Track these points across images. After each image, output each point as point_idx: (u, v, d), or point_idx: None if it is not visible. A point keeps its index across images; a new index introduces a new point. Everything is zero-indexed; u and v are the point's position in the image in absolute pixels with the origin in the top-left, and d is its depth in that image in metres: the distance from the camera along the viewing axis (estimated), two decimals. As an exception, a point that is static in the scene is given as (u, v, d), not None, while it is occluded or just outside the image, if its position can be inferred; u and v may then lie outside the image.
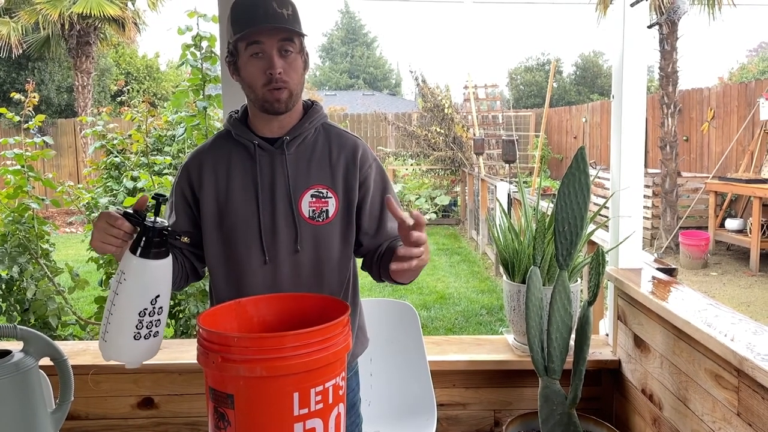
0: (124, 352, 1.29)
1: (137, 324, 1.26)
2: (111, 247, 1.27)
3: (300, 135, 1.44)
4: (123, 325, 1.27)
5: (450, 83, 21.56)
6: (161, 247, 1.27)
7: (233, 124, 1.47)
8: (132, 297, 1.26)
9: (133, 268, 1.26)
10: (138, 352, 1.30)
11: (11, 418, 1.36)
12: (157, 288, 1.28)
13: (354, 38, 37.59)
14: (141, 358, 1.32)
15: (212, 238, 1.44)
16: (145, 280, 1.26)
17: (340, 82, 34.98)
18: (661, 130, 8.16)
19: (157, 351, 1.34)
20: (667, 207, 8.00)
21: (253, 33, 1.33)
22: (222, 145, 1.48)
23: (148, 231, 1.26)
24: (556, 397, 1.92)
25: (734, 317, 1.65)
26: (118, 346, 1.29)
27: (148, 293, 1.26)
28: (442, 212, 10.67)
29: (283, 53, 1.35)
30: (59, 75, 15.08)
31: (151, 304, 1.27)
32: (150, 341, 1.30)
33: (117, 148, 3.86)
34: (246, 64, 1.36)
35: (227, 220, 1.42)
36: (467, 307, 5.60)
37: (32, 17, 12.04)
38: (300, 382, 1.07)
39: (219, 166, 1.45)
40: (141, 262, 1.26)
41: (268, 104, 1.37)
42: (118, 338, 1.28)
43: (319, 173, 1.43)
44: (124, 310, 1.26)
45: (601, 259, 1.82)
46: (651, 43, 8.06)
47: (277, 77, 1.34)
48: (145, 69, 17.98)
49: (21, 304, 3.29)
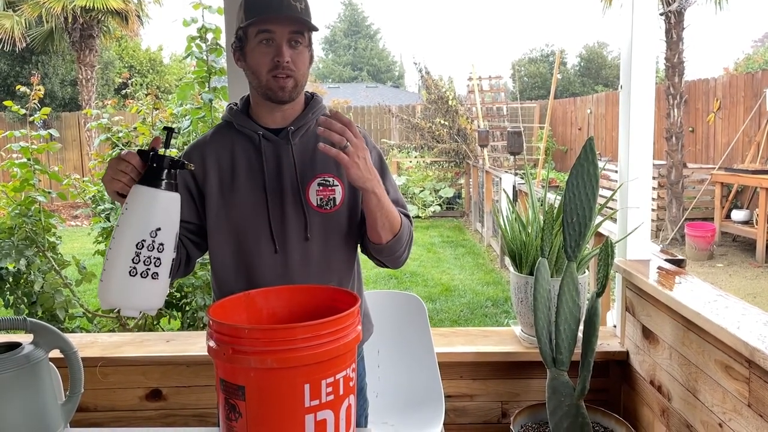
0: (118, 291, 1.21)
1: (134, 257, 1.19)
2: (119, 183, 1.25)
3: (304, 125, 1.45)
4: (119, 259, 1.20)
5: (454, 75, 21.51)
6: (167, 178, 1.24)
7: (235, 115, 1.46)
8: (130, 226, 1.20)
9: (135, 195, 1.22)
10: (134, 292, 1.21)
11: (21, 410, 1.36)
12: (158, 220, 1.22)
13: (357, 30, 37.46)
14: (137, 301, 1.23)
15: (219, 229, 1.44)
16: (146, 209, 1.21)
17: (343, 75, 34.90)
18: (667, 121, 8.11)
19: (157, 302, 1.26)
20: (673, 198, 7.97)
21: (267, 20, 1.33)
22: (223, 136, 1.47)
23: (153, 159, 1.23)
24: (564, 389, 1.92)
25: (744, 308, 1.64)
26: (113, 285, 1.21)
27: (148, 224, 1.20)
28: (447, 205, 10.66)
29: (293, 44, 1.36)
30: (63, 68, 15.09)
31: (151, 237, 1.20)
32: (147, 282, 1.21)
33: (122, 141, 3.85)
34: (254, 50, 1.37)
35: (235, 211, 1.42)
36: (472, 299, 5.60)
37: (36, 11, 12.04)
38: (311, 374, 1.07)
39: (222, 157, 1.44)
40: (142, 189, 1.22)
41: (271, 92, 1.38)
42: (113, 275, 1.21)
43: (324, 162, 1.44)
44: (121, 241, 1.20)
45: (610, 250, 1.81)
46: (657, 33, 8.00)
47: (284, 65, 1.35)
48: (149, 62, 17.96)
49: (28, 297, 3.30)
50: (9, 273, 3.28)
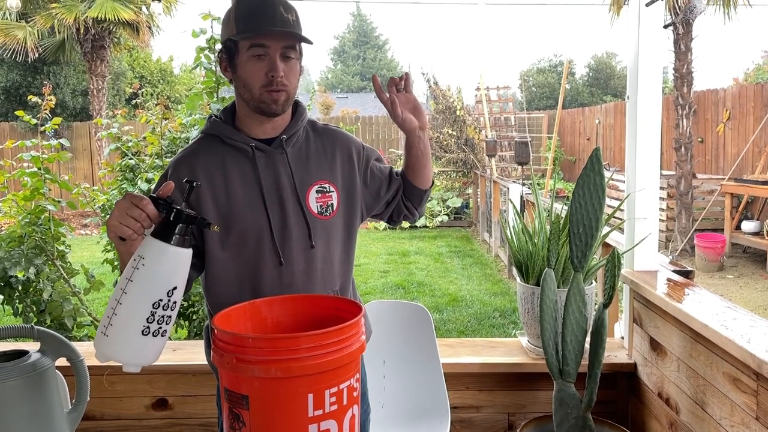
0: (127, 349, 1.16)
1: (149, 317, 1.14)
2: (128, 230, 1.18)
3: (295, 134, 1.46)
4: (133, 317, 1.14)
5: (462, 85, 21.53)
6: (186, 235, 1.18)
7: (221, 128, 1.44)
8: (149, 284, 1.15)
9: (156, 252, 1.15)
10: (143, 350, 1.17)
11: (28, 418, 1.37)
12: (176, 279, 1.17)
13: (366, 41, 37.64)
14: (143, 358, 1.19)
15: (217, 244, 1.40)
16: (167, 268, 1.16)
17: (351, 85, 35.04)
18: (676, 131, 8.08)
19: (158, 355, 1.22)
20: (682, 209, 7.92)
21: (261, 35, 1.33)
22: (210, 149, 1.43)
23: (177, 215, 1.17)
24: (571, 401, 1.90)
25: (753, 320, 1.63)
26: (121, 341, 1.16)
27: (166, 283, 1.15)
28: (454, 214, 10.65)
29: (285, 58, 1.37)
30: (74, 78, 15.23)
31: (168, 296, 1.15)
32: (157, 340, 1.17)
33: (132, 151, 3.88)
34: (246, 63, 1.36)
35: (235, 226, 1.39)
36: (480, 309, 5.58)
37: (48, 21, 12.17)
38: (314, 383, 1.07)
39: (213, 172, 1.40)
40: (164, 246, 1.15)
41: (264, 105, 1.37)
42: (124, 332, 1.15)
43: (319, 169, 1.45)
44: (137, 299, 1.14)
45: (617, 261, 1.80)
46: (665, 43, 7.99)
47: (278, 80, 1.35)
48: (159, 72, 18.12)
49: (37, 305, 3.33)
50: (18, 281, 3.30)
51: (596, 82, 25.38)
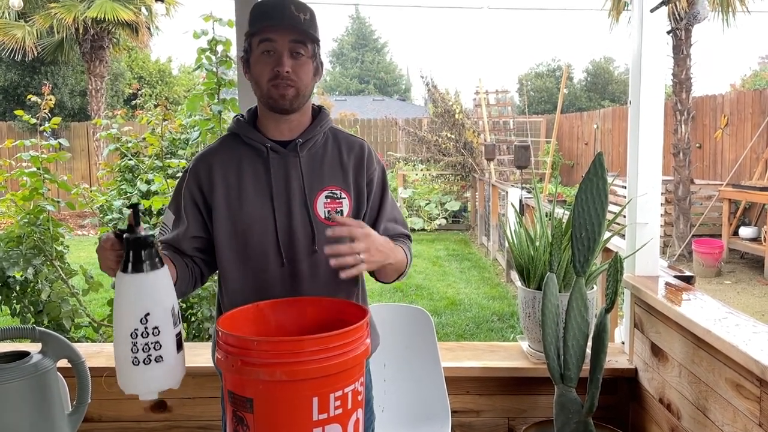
0: (128, 381, 1.20)
1: (131, 347, 1.16)
2: (110, 269, 1.23)
3: (312, 138, 1.46)
4: (120, 352, 1.18)
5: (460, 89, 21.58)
6: (147, 258, 1.18)
7: (242, 127, 1.47)
8: (119, 318, 1.18)
9: (118, 284, 1.19)
10: (143, 379, 1.19)
11: (29, 419, 1.36)
12: (145, 305, 1.17)
13: (364, 43, 37.68)
14: (151, 386, 1.21)
15: (226, 242, 1.43)
16: (130, 298, 1.17)
17: (350, 87, 35.05)
18: (674, 136, 8.10)
19: (171, 379, 1.23)
20: (680, 214, 7.93)
21: (265, 30, 1.35)
22: (230, 147, 1.47)
23: (126, 242, 1.18)
24: (572, 405, 1.90)
25: (755, 326, 1.63)
26: (122, 375, 1.20)
27: (136, 312, 1.16)
28: (453, 218, 10.65)
29: (294, 55, 1.37)
30: (72, 79, 15.20)
31: (142, 324, 1.16)
32: (152, 367, 1.18)
33: (131, 151, 3.88)
34: (257, 60, 1.39)
35: (242, 223, 1.42)
36: (478, 313, 5.58)
37: (47, 21, 12.15)
38: (319, 387, 1.06)
39: (229, 169, 1.44)
40: (123, 278, 1.17)
41: (272, 100, 1.38)
42: (120, 366, 1.20)
43: (332, 175, 1.45)
44: (117, 334, 1.18)
45: (619, 266, 1.80)
46: (665, 49, 8.02)
47: (284, 75, 1.35)
48: (158, 73, 18.10)
49: (35, 306, 3.31)
50: (16, 281, 3.28)
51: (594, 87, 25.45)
